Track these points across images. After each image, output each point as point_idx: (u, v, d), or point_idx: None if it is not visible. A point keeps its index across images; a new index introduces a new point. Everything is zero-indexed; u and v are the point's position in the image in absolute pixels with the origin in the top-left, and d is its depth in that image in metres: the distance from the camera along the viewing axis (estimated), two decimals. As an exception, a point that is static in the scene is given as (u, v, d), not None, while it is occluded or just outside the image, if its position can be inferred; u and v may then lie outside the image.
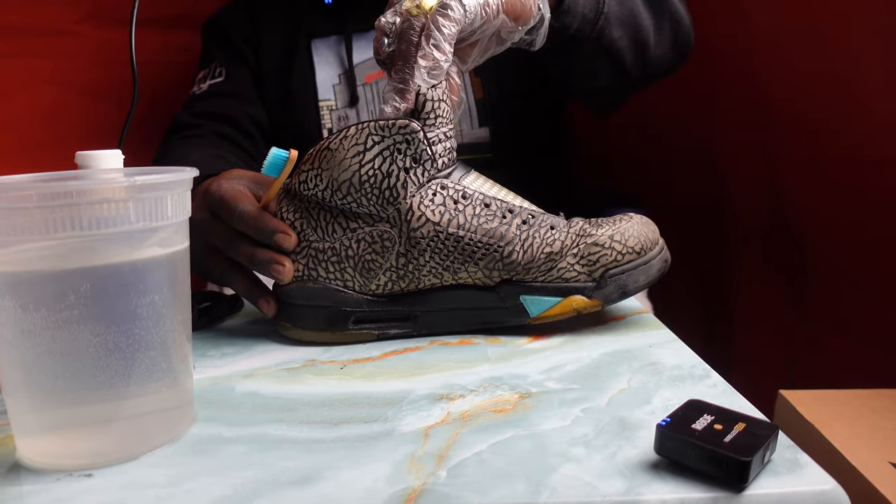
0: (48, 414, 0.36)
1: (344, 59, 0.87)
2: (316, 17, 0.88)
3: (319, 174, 0.51)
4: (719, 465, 0.33)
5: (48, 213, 0.33)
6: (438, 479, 0.34)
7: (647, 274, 0.55)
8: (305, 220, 0.52)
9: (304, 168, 0.51)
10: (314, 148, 0.51)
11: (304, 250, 0.52)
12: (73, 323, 0.34)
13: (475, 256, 0.52)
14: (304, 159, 0.51)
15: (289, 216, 0.52)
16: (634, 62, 0.74)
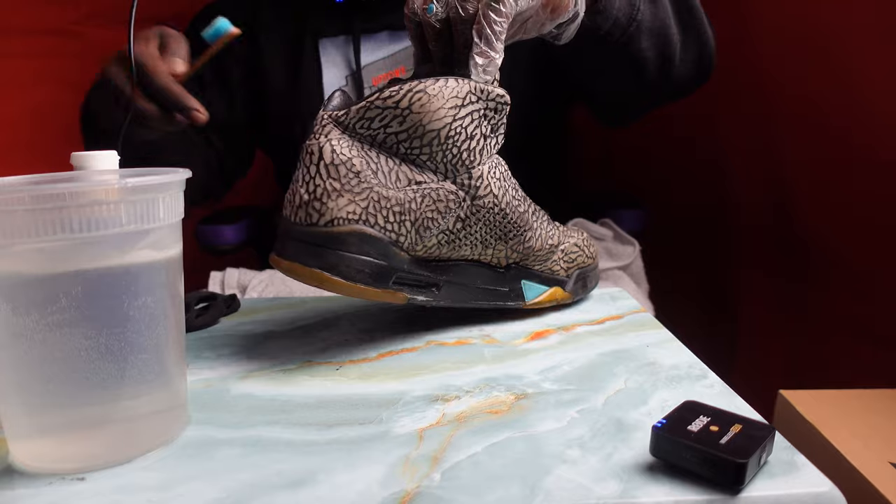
0: (40, 417, 0.36)
1: (351, 61, 0.85)
2: (323, 16, 0.86)
3: (404, 116, 0.46)
4: (715, 467, 0.32)
5: (39, 216, 0.32)
6: (432, 481, 0.34)
7: (596, 277, 0.63)
8: (364, 160, 0.47)
9: (378, 105, 0.46)
10: (398, 87, 0.46)
11: (366, 192, 0.47)
12: (65, 326, 0.34)
13: (508, 236, 0.53)
14: (378, 96, 0.46)
15: (343, 151, 0.46)
16: (657, 74, 0.73)
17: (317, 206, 0.46)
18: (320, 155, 0.46)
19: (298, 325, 0.58)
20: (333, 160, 0.46)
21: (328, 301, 0.66)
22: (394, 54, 0.84)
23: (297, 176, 0.47)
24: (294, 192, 0.47)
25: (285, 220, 0.48)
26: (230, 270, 0.83)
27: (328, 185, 0.46)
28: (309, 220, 0.46)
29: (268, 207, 1.11)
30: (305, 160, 0.47)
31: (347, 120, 0.47)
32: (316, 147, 0.46)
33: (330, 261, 0.46)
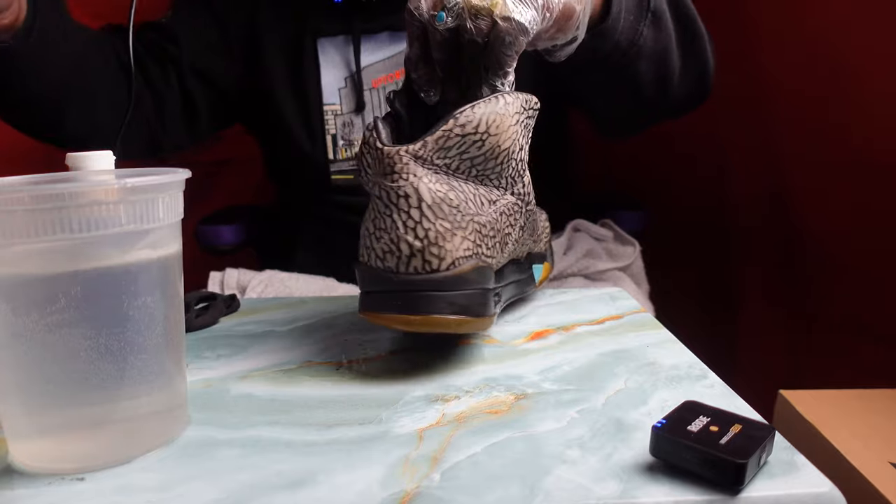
0: (40, 417, 0.36)
1: (351, 62, 0.84)
2: (322, 15, 0.84)
3: (483, 141, 0.44)
4: (715, 468, 0.32)
5: (38, 216, 0.32)
6: (432, 481, 0.34)
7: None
8: (455, 192, 0.44)
9: (458, 133, 0.44)
10: (469, 112, 0.44)
11: (469, 225, 0.45)
12: (65, 326, 0.34)
13: (535, 231, 0.56)
14: (453, 125, 0.43)
15: (438, 188, 0.44)
16: (654, 96, 0.73)
17: (434, 250, 0.43)
18: (419, 197, 0.43)
19: (298, 326, 0.58)
20: (434, 199, 0.43)
21: (328, 301, 0.66)
22: (394, 55, 0.84)
23: (388, 224, 0.44)
24: (394, 241, 0.43)
25: (387, 273, 0.44)
26: (230, 271, 0.83)
27: (438, 226, 0.43)
28: (428, 268, 0.43)
29: (267, 208, 1.11)
30: (400, 205, 0.43)
31: (426, 153, 0.43)
32: (410, 189, 0.43)
33: (461, 303, 0.44)
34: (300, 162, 0.86)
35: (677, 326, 0.57)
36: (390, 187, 0.43)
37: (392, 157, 0.43)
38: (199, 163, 0.81)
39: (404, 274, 0.43)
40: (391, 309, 0.44)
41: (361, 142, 0.46)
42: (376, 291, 0.45)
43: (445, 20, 0.46)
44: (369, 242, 0.45)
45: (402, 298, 0.44)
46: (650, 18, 0.65)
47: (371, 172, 0.45)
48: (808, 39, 0.88)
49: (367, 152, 0.45)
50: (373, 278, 0.45)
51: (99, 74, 0.77)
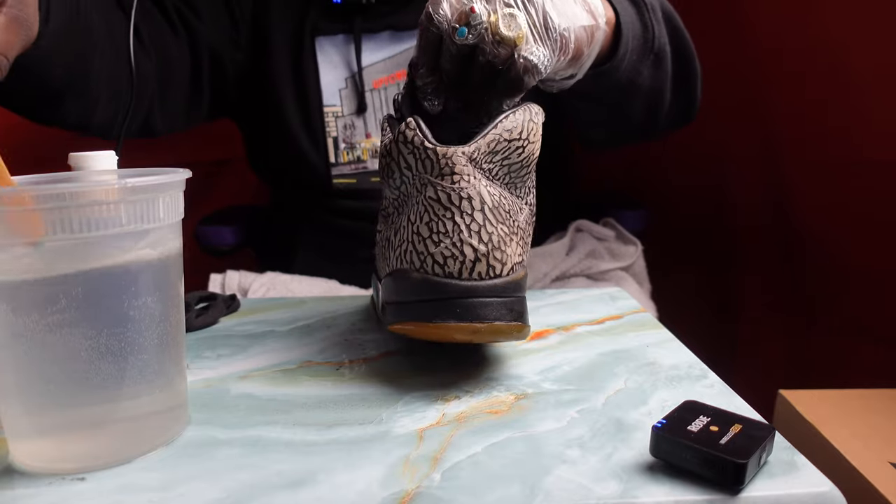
0: (40, 417, 0.36)
1: (352, 62, 0.82)
2: (322, 13, 0.83)
3: (523, 147, 0.44)
4: (715, 468, 0.32)
5: (36, 216, 0.32)
6: (432, 481, 0.34)
7: None
8: (505, 198, 0.43)
9: (506, 138, 0.43)
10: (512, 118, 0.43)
11: (518, 231, 0.44)
12: (65, 326, 0.34)
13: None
14: (502, 129, 0.43)
15: (494, 192, 0.43)
16: (641, 124, 0.73)
17: (498, 255, 0.42)
18: (482, 199, 0.42)
19: (298, 326, 0.58)
20: (493, 203, 0.42)
21: (328, 301, 0.66)
22: (395, 56, 0.82)
23: (450, 227, 0.41)
24: (457, 245, 0.41)
25: (447, 280, 0.42)
26: (230, 273, 0.83)
27: (500, 230, 0.42)
28: (493, 273, 0.42)
29: (267, 208, 1.11)
30: (463, 207, 0.41)
31: (479, 156, 0.42)
32: (473, 191, 0.41)
33: (518, 309, 0.43)
34: (301, 165, 0.85)
35: (678, 326, 0.57)
36: (451, 189, 0.41)
37: (450, 158, 0.41)
38: (199, 163, 0.80)
39: (467, 279, 0.41)
40: (452, 317, 0.41)
41: (395, 141, 0.44)
42: (430, 300, 0.42)
43: (466, 37, 0.44)
44: (423, 248, 0.42)
45: (462, 305, 0.41)
46: (652, 59, 0.65)
47: (412, 174, 0.43)
48: (809, 42, 0.88)
49: (409, 153, 0.43)
50: (428, 285, 0.42)
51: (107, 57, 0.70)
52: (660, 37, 0.65)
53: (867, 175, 0.84)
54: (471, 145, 0.42)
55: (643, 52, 0.63)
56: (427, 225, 0.42)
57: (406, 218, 0.44)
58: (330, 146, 0.83)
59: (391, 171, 0.45)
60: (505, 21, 0.44)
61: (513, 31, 0.44)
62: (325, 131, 0.83)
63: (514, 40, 0.44)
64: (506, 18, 0.44)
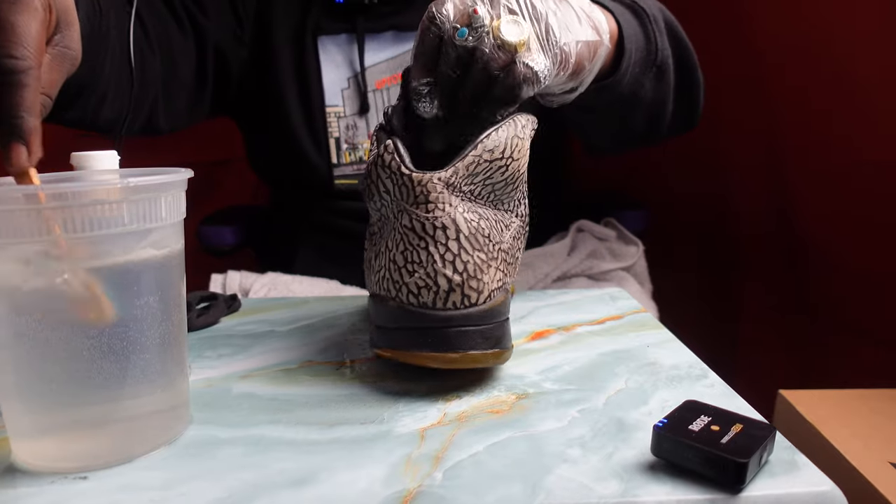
0: (43, 416, 0.36)
1: (354, 61, 0.82)
2: (324, 12, 0.82)
3: (507, 166, 0.43)
4: (716, 467, 0.33)
5: (42, 215, 0.32)
6: (434, 480, 0.34)
7: None
8: (484, 220, 0.43)
9: (487, 159, 0.42)
10: (493, 137, 0.42)
11: (499, 255, 0.44)
12: (67, 325, 0.34)
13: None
14: (482, 150, 0.42)
15: (472, 217, 0.42)
16: (642, 134, 0.73)
17: (474, 284, 0.41)
18: (457, 228, 0.41)
19: (299, 325, 0.58)
20: (470, 230, 0.41)
21: (328, 301, 0.66)
22: (398, 56, 0.82)
23: (423, 257, 0.41)
24: (430, 276, 0.41)
25: (421, 310, 0.42)
26: (231, 273, 0.83)
27: (476, 258, 0.41)
28: (467, 302, 0.41)
29: (267, 208, 1.11)
30: (437, 237, 0.41)
31: (457, 180, 0.41)
32: (448, 220, 0.41)
33: (496, 335, 0.43)
34: (302, 165, 0.84)
35: (679, 326, 0.57)
36: (426, 218, 0.41)
37: (425, 185, 0.41)
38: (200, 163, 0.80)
39: (441, 309, 0.41)
40: (426, 346, 0.42)
41: (374, 164, 0.43)
42: (406, 328, 0.42)
43: (467, 38, 0.44)
44: (398, 276, 0.42)
45: (437, 335, 0.41)
46: (655, 71, 0.64)
47: (390, 199, 0.43)
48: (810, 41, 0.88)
49: (387, 177, 0.42)
50: (402, 314, 0.42)
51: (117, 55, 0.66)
52: (663, 49, 0.64)
53: (867, 176, 0.84)
54: (448, 170, 0.41)
55: (646, 65, 0.63)
56: (402, 254, 0.42)
57: (385, 244, 0.44)
58: (332, 147, 0.83)
59: (371, 194, 0.45)
60: (507, 26, 0.44)
61: (515, 36, 0.44)
62: (328, 132, 0.83)
63: (515, 45, 0.44)
64: (508, 24, 0.44)
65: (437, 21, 0.45)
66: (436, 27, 0.45)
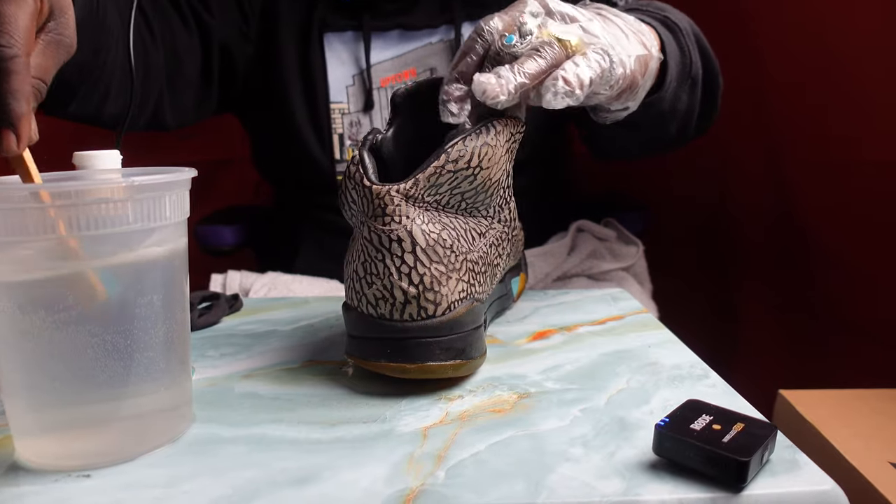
0: (46, 415, 0.36)
1: (360, 58, 0.82)
2: (330, 8, 0.82)
3: (475, 175, 0.43)
4: (718, 466, 0.33)
5: (47, 214, 0.33)
6: (437, 479, 0.34)
7: None
8: (447, 231, 0.43)
9: (450, 169, 0.42)
10: (460, 146, 0.42)
11: (463, 265, 0.44)
12: (72, 324, 0.34)
13: (518, 249, 0.54)
14: (445, 160, 0.42)
15: (432, 229, 0.42)
16: (669, 143, 0.73)
17: (430, 296, 0.42)
18: (413, 241, 0.41)
19: (301, 325, 0.59)
20: (427, 242, 0.42)
21: (330, 301, 0.66)
22: (403, 55, 0.82)
23: (381, 269, 0.42)
24: (387, 288, 0.42)
25: (379, 321, 0.42)
26: (231, 273, 0.83)
27: (433, 270, 0.42)
28: (424, 315, 0.42)
29: (267, 208, 1.11)
30: (393, 249, 0.41)
31: (417, 192, 0.41)
32: (404, 232, 0.41)
33: (458, 347, 0.43)
34: (305, 161, 0.84)
35: (679, 326, 0.57)
36: (382, 230, 0.41)
37: (382, 198, 0.41)
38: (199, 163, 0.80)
39: (398, 321, 0.42)
40: (383, 357, 0.43)
41: (345, 175, 0.43)
42: (367, 337, 0.44)
43: (514, 43, 0.44)
44: (359, 287, 0.43)
45: (395, 346, 0.42)
46: (689, 84, 0.65)
47: (356, 210, 0.43)
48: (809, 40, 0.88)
49: (353, 188, 0.42)
50: (364, 324, 0.43)
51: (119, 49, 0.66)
52: (695, 62, 0.64)
53: (867, 175, 0.84)
54: (408, 181, 0.41)
55: (682, 79, 0.63)
56: (363, 265, 0.43)
57: (351, 254, 0.45)
58: (335, 143, 0.83)
59: (342, 204, 0.45)
60: (559, 30, 0.45)
61: (570, 36, 0.44)
62: (332, 128, 0.83)
63: (571, 44, 0.44)
64: (561, 29, 0.45)
65: (486, 33, 0.45)
66: (483, 40, 0.45)
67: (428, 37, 0.82)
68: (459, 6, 0.82)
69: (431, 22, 0.82)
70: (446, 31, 0.82)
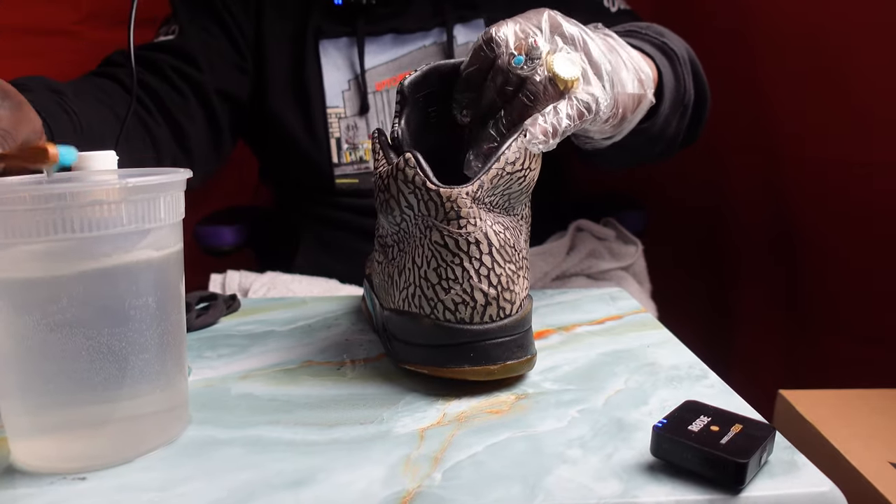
0: (42, 417, 0.36)
1: (355, 63, 0.83)
2: (324, 15, 0.83)
3: (525, 176, 0.43)
4: (716, 467, 0.32)
5: (41, 216, 0.32)
6: (433, 481, 0.34)
7: None
8: (509, 230, 0.43)
9: (508, 171, 0.42)
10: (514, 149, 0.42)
11: (524, 262, 0.44)
12: (67, 326, 0.34)
13: None
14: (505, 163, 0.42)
15: (499, 230, 0.42)
16: (652, 160, 0.73)
17: (507, 296, 0.42)
18: (489, 242, 0.41)
19: (299, 325, 0.58)
20: (500, 242, 0.42)
21: (328, 301, 0.66)
22: (397, 58, 0.83)
23: (459, 273, 0.41)
24: (467, 291, 0.41)
25: (459, 325, 0.42)
26: (231, 273, 0.83)
27: (508, 270, 0.42)
28: (503, 314, 0.42)
29: (267, 208, 1.11)
30: (471, 252, 0.41)
31: (482, 194, 0.41)
32: (480, 234, 0.41)
33: (527, 342, 0.44)
34: (303, 166, 0.85)
35: (679, 326, 0.57)
36: (459, 234, 0.41)
37: (455, 201, 0.41)
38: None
39: (479, 324, 0.42)
40: (466, 361, 0.42)
41: (393, 177, 0.43)
42: (445, 345, 0.43)
43: (522, 66, 0.44)
44: (433, 294, 0.42)
45: (476, 349, 0.42)
46: (681, 111, 0.65)
47: (413, 213, 0.43)
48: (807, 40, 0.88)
49: (411, 192, 0.42)
50: (440, 331, 0.42)
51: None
52: (689, 90, 0.65)
53: (865, 176, 0.84)
54: (474, 184, 0.41)
55: (675, 107, 0.63)
56: (435, 271, 0.42)
57: (411, 259, 0.44)
58: (333, 147, 0.84)
59: (390, 208, 0.44)
60: (562, 62, 0.44)
61: (568, 73, 0.44)
62: (328, 132, 0.83)
63: (567, 81, 0.44)
64: (563, 61, 0.44)
65: (496, 40, 0.45)
66: (490, 49, 0.45)
67: (421, 40, 0.83)
68: (451, 8, 0.82)
69: (424, 25, 0.83)
70: (439, 33, 0.83)
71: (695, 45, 0.74)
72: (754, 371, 1.07)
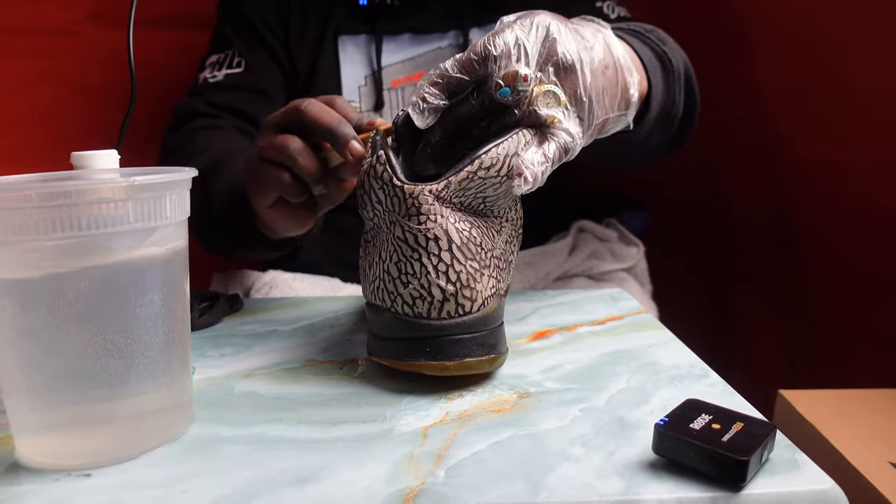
0: (47, 413, 0.36)
1: (372, 60, 0.84)
2: (345, 13, 0.85)
3: (500, 182, 0.43)
4: (717, 465, 0.33)
5: (47, 213, 0.33)
6: (437, 478, 0.34)
7: None
8: (476, 229, 0.43)
9: (481, 175, 0.42)
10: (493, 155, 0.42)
11: (492, 261, 0.44)
12: (72, 323, 0.34)
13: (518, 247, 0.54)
14: (478, 167, 0.42)
15: (463, 227, 0.42)
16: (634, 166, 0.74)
17: (466, 293, 0.42)
18: (449, 239, 0.42)
19: (301, 325, 0.59)
20: (462, 240, 0.42)
21: (330, 301, 0.66)
22: (414, 58, 0.84)
23: (417, 268, 0.42)
24: (425, 286, 0.42)
25: (417, 320, 0.42)
26: (233, 272, 0.83)
27: (469, 268, 0.42)
28: (461, 311, 0.42)
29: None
30: (430, 248, 0.41)
31: (448, 194, 0.42)
32: (440, 231, 0.41)
33: (490, 342, 0.44)
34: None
35: (679, 326, 0.57)
36: (418, 230, 0.41)
37: (416, 197, 0.41)
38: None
39: (436, 319, 0.42)
40: (422, 356, 0.43)
41: (367, 174, 0.44)
42: (403, 338, 0.43)
43: (507, 98, 0.43)
44: (393, 287, 0.43)
45: (433, 344, 0.42)
46: (665, 124, 0.64)
47: (382, 209, 0.43)
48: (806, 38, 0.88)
49: (380, 188, 0.43)
50: (399, 325, 0.43)
51: None
52: (678, 105, 0.64)
53: (865, 176, 0.84)
54: (440, 182, 0.41)
55: (659, 119, 0.62)
56: (396, 265, 0.43)
57: (378, 254, 0.44)
58: None
59: (364, 203, 0.45)
60: (545, 99, 0.44)
61: (548, 109, 0.44)
62: None
63: (546, 120, 0.44)
64: (546, 95, 0.44)
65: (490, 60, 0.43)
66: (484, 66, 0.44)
67: (438, 41, 0.84)
68: (469, 12, 0.83)
69: (441, 26, 0.84)
70: (455, 36, 0.84)
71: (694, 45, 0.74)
72: (755, 371, 1.07)
